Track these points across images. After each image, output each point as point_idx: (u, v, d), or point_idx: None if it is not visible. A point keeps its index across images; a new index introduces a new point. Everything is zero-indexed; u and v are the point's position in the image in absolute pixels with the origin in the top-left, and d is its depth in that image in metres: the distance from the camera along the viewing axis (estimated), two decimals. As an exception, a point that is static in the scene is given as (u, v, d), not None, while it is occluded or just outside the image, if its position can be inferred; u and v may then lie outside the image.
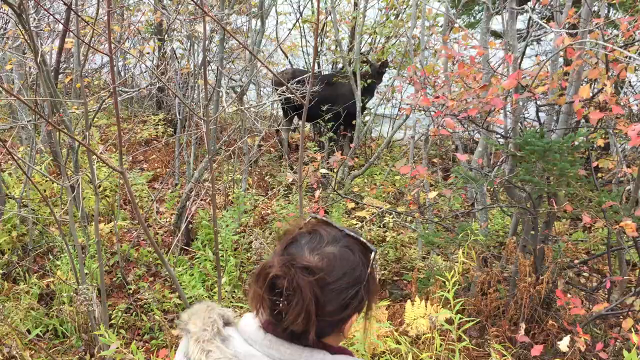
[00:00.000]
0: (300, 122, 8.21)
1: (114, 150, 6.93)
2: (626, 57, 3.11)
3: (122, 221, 5.33)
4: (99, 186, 5.70)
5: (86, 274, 4.05)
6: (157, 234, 5.34)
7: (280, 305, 1.07)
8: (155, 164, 7.28)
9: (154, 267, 4.85)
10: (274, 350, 1.12)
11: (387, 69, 7.31)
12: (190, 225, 5.25)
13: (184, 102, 2.38)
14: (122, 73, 9.00)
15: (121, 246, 4.89)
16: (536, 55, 7.21)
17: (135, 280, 4.58)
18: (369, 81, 7.02)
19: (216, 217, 2.80)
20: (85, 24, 3.30)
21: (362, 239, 1.19)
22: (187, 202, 4.95)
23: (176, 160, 6.05)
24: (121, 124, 8.01)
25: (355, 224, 5.22)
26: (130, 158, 7.02)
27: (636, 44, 4.02)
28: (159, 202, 6.06)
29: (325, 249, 1.12)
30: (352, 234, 1.18)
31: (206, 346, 1.11)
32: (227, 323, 1.20)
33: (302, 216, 2.52)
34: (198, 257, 4.71)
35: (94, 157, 3.90)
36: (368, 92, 7.11)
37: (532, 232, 3.89)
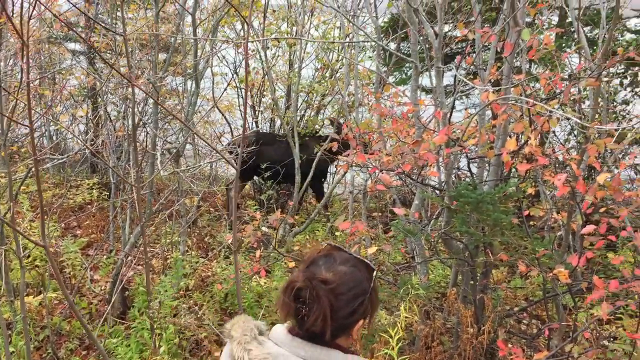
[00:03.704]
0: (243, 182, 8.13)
1: (46, 217, 6.66)
2: (547, 110, 3.26)
3: (53, 292, 5.06)
4: (28, 256, 5.44)
5: (12, 352, 3.80)
6: (92, 303, 5.09)
7: (303, 310, 1.38)
8: (90, 230, 7.03)
9: (88, 340, 4.61)
10: (300, 349, 1.41)
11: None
12: (127, 293, 5.05)
13: (112, 168, 2.32)
14: (54, 137, 8.76)
15: (52, 319, 4.63)
16: (466, 109, 7.51)
17: (67, 355, 4.33)
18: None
19: (150, 285, 2.70)
20: (7, 93, 3.21)
21: (366, 260, 1.51)
22: (123, 269, 4.78)
23: (110, 225, 5.86)
24: (53, 189, 7.75)
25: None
26: (63, 225, 6.76)
27: (557, 97, 4.24)
28: (94, 270, 5.82)
29: (338, 268, 1.44)
30: (358, 256, 1.51)
31: (247, 346, 1.40)
32: (260, 332, 1.49)
33: (238, 281, 2.48)
34: (135, 327, 4.51)
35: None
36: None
37: (472, 282, 3.93)
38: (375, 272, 1.51)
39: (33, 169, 3.60)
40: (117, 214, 5.92)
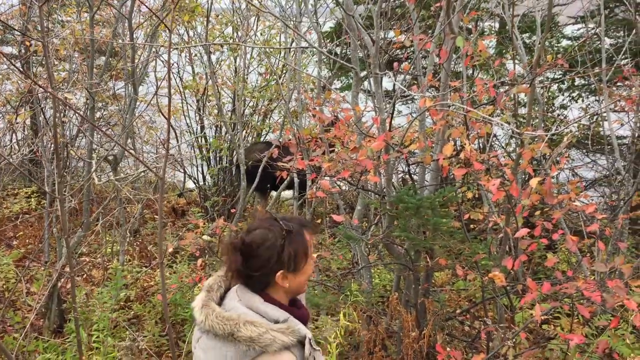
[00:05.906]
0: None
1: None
2: (481, 117, 3.31)
3: (-15, 307, 4.84)
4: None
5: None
6: (26, 317, 4.89)
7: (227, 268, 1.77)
8: (27, 240, 6.76)
9: (21, 356, 4.42)
10: (238, 292, 1.76)
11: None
12: (64, 305, 4.87)
13: (33, 180, 2.22)
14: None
15: (-19, 336, 4.43)
16: (410, 114, 7.58)
17: (-3, 372, 4.14)
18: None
19: (87, 298, 2.59)
20: None
21: (280, 222, 1.74)
22: (60, 281, 4.61)
23: (45, 233, 5.63)
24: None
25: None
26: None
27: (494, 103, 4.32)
28: (30, 282, 5.59)
29: (254, 232, 1.73)
30: (275, 217, 1.76)
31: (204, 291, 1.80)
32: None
33: (164, 293, 2.42)
34: (71, 341, 4.35)
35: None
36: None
37: (414, 287, 3.96)
38: (287, 230, 1.73)
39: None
40: (53, 224, 5.71)
